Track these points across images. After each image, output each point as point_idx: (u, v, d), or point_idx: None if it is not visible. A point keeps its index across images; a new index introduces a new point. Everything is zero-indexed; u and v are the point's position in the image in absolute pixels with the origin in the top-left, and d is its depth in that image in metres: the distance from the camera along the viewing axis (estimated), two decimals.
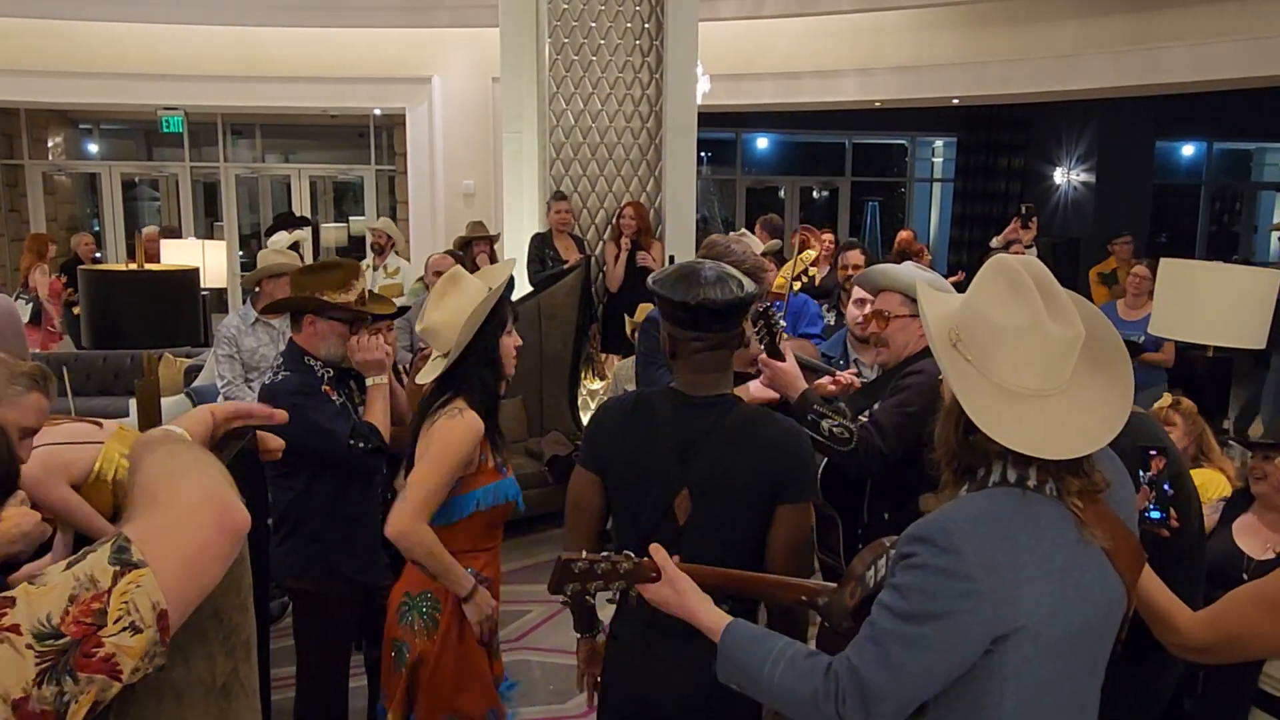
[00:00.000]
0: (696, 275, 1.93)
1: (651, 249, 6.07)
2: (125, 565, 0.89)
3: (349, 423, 2.73)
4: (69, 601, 0.86)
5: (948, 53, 10.15)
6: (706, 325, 1.92)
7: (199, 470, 1.02)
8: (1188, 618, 1.66)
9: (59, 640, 0.84)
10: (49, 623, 0.85)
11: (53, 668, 0.83)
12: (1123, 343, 1.47)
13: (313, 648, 2.89)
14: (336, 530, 2.80)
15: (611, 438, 2.03)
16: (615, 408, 2.12)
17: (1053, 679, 1.36)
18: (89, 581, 0.87)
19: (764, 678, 1.44)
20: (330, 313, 2.78)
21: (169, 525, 0.94)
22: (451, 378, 2.45)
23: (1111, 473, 1.43)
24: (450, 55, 10.48)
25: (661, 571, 1.65)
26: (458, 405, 2.39)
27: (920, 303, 1.53)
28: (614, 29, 6.18)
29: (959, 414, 1.39)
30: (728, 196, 14.17)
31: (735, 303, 1.92)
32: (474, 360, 2.43)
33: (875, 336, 2.67)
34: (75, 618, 0.85)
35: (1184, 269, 4.23)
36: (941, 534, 1.33)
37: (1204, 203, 14.27)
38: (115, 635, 0.87)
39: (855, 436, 2.44)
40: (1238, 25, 8.20)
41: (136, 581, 0.88)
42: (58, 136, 12.31)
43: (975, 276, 1.47)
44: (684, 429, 1.95)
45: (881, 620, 1.36)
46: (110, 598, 0.87)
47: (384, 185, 12.41)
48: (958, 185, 13.51)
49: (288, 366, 2.82)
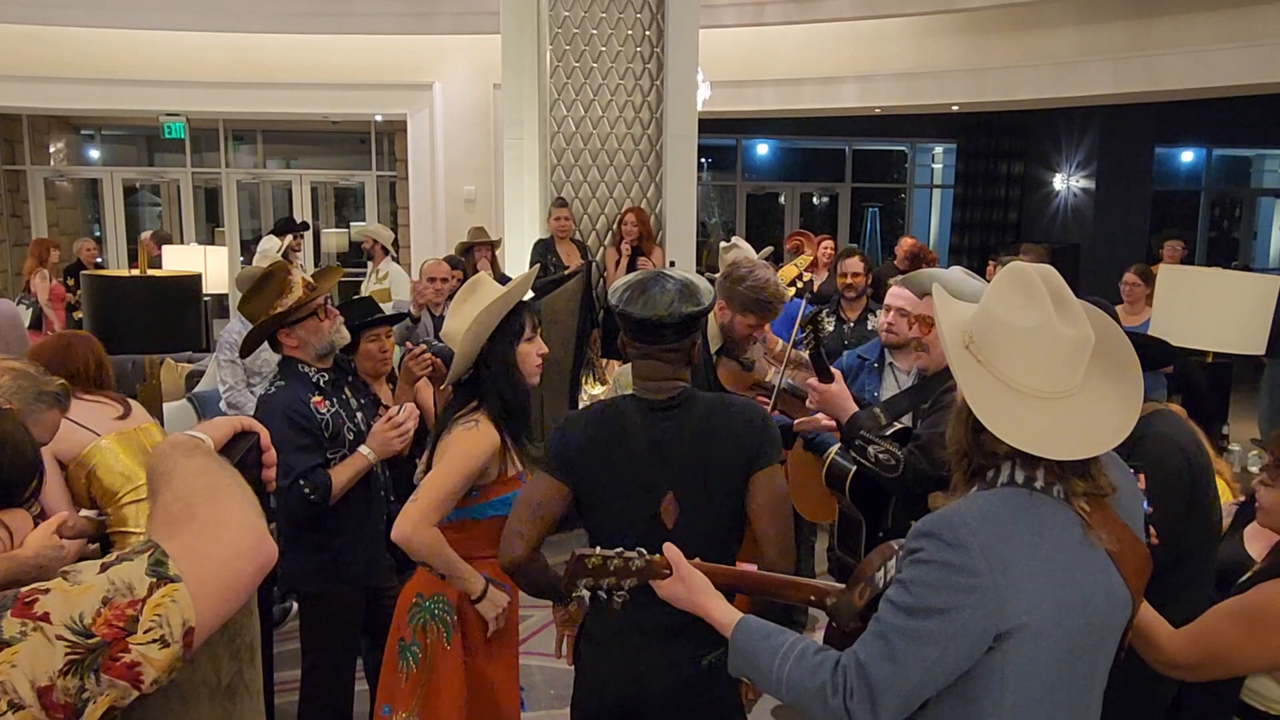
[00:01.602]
0: (650, 287, 1.97)
1: (652, 254, 6.09)
2: (161, 578, 0.90)
3: (312, 460, 2.69)
4: (102, 603, 0.87)
5: (948, 59, 10.18)
6: (659, 338, 1.96)
7: (239, 495, 1.04)
8: (1169, 635, 1.66)
9: (89, 639, 0.85)
10: (80, 620, 0.86)
11: (79, 663, 0.85)
12: (1135, 352, 1.48)
13: (318, 650, 2.90)
14: (340, 534, 2.81)
15: (584, 449, 2.01)
16: (581, 419, 2.09)
17: (1052, 680, 1.37)
18: (125, 588, 0.88)
19: (774, 672, 1.47)
20: (291, 319, 2.79)
21: (213, 549, 0.96)
22: (469, 385, 2.45)
23: (1119, 479, 1.45)
24: (451, 61, 10.51)
25: (674, 568, 1.66)
26: (475, 417, 2.40)
27: (935, 308, 1.55)
28: (615, 36, 6.20)
29: (969, 414, 1.42)
30: (728, 202, 14.19)
31: (687, 319, 1.96)
32: (490, 369, 2.43)
33: (916, 341, 2.69)
34: (107, 620, 0.86)
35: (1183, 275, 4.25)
36: (948, 529, 1.35)
37: (1204, 209, 14.29)
38: (144, 645, 0.88)
39: (902, 464, 2.45)
40: (1237, 32, 8.22)
41: (172, 596, 0.90)
42: (59, 142, 12.34)
43: (992, 281, 1.49)
44: (655, 432, 1.98)
45: (887, 615, 1.38)
46: (144, 607, 0.88)
47: (385, 191, 12.44)
48: (958, 191, 13.53)
49: (282, 377, 2.84)
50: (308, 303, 2.80)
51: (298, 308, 2.79)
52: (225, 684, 1.10)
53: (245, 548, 0.98)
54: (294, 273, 2.87)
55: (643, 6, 6.20)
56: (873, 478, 2.51)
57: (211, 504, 1.00)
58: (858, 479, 2.66)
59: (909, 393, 2.74)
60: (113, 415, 2.84)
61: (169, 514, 0.99)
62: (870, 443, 2.48)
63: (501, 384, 2.43)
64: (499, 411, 2.42)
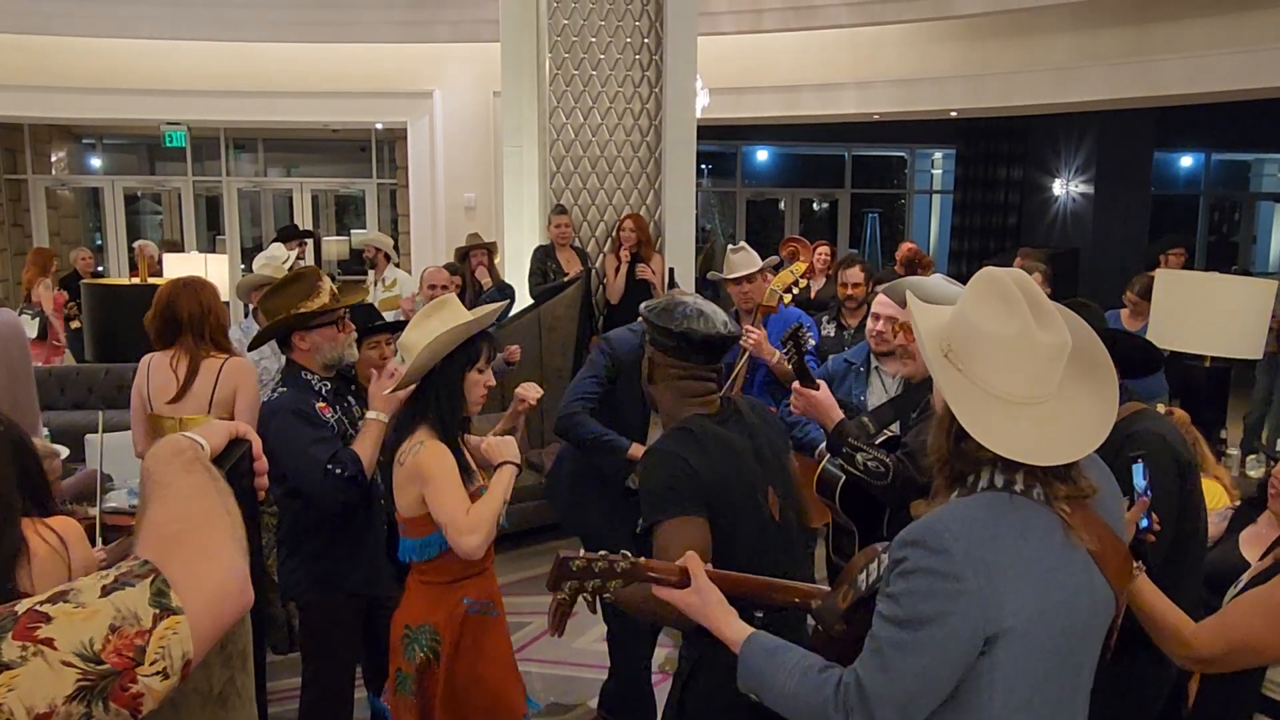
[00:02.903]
0: (702, 308, 2.11)
1: (651, 261, 6.09)
2: (165, 610, 0.89)
3: (332, 447, 2.70)
4: (111, 631, 0.86)
5: (946, 65, 10.20)
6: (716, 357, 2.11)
7: (229, 530, 1.02)
8: (1193, 629, 1.67)
9: (100, 666, 0.84)
10: (90, 647, 0.84)
11: (90, 689, 0.83)
12: (1106, 351, 1.49)
13: (319, 659, 2.91)
14: (340, 545, 2.82)
15: (714, 477, 1.98)
16: (690, 448, 2.00)
17: (1039, 681, 1.38)
18: (132, 617, 0.87)
19: (779, 687, 1.49)
20: (313, 322, 2.81)
21: (206, 584, 0.94)
22: (413, 402, 2.47)
23: (1099, 480, 1.45)
24: (451, 69, 10.54)
25: (693, 579, 1.66)
26: (417, 439, 2.40)
27: (912, 315, 1.56)
28: (614, 43, 6.22)
29: (951, 422, 1.43)
30: (728, 209, 14.21)
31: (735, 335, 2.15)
32: (436, 390, 2.44)
33: (901, 349, 2.69)
34: (117, 649, 0.85)
35: (1180, 280, 4.25)
36: (931, 536, 1.36)
37: (1202, 213, 14.29)
38: (149, 676, 0.87)
39: (892, 471, 2.44)
40: (1234, 37, 8.23)
41: (174, 628, 0.89)
42: (61, 151, 12.37)
43: (965, 289, 1.50)
44: (742, 441, 2.08)
45: (879, 629, 1.39)
46: (150, 638, 0.87)
47: (385, 199, 12.46)
48: (957, 197, 13.54)
49: (285, 384, 2.84)
50: (332, 309, 2.83)
51: (321, 312, 2.81)
52: (217, 691, 1.10)
53: (233, 589, 0.96)
54: (324, 279, 2.91)
55: (641, 14, 6.22)
56: (863, 486, 2.50)
57: (206, 534, 0.99)
58: (848, 487, 2.65)
59: (894, 402, 2.74)
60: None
61: (160, 534, 0.97)
62: (858, 450, 2.47)
63: (444, 406, 2.43)
64: (439, 434, 2.42)
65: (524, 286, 6.37)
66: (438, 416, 2.43)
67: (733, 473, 2.00)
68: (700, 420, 2.05)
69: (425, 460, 2.36)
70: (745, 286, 3.94)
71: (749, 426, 2.10)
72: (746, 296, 3.95)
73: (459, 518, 2.31)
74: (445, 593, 2.45)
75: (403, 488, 2.41)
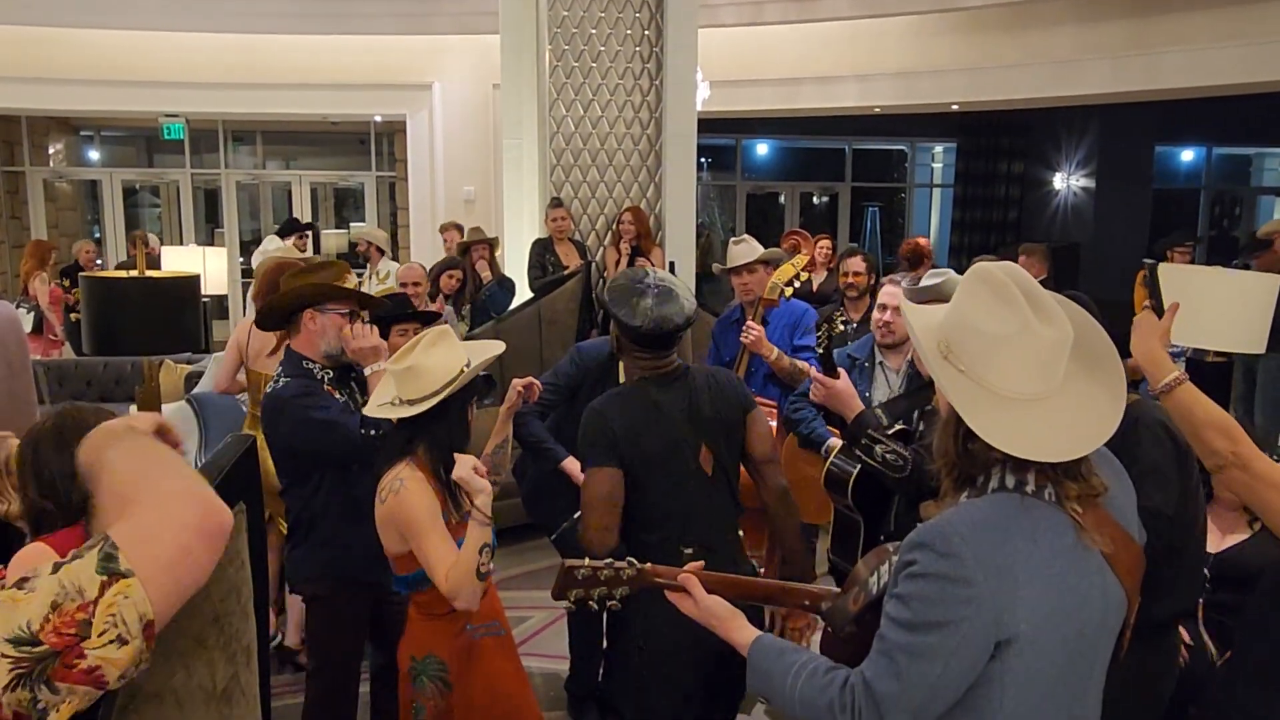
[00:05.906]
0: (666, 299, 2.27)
1: (652, 254, 6.08)
2: (113, 575, 0.86)
3: (355, 414, 2.71)
4: (51, 609, 0.84)
5: (947, 58, 10.18)
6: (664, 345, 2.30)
7: (175, 468, 0.99)
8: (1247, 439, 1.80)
9: (36, 647, 0.82)
10: (28, 629, 0.82)
11: (27, 675, 0.81)
12: (1110, 341, 1.47)
13: (326, 650, 2.89)
14: (348, 534, 2.78)
15: (627, 430, 2.24)
16: (614, 405, 2.30)
17: (1050, 685, 1.36)
18: (75, 591, 0.85)
19: (786, 689, 1.48)
20: (334, 303, 2.79)
21: (149, 529, 0.91)
22: (405, 428, 2.35)
23: (1110, 477, 1.43)
24: (451, 62, 10.51)
25: (693, 592, 1.68)
26: (399, 473, 2.28)
27: (905, 317, 1.54)
28: (614, 36, 6.19)
29: (957, 424, 1.40)
30: (728, 202, 14.19)
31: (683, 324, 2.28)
32: (445, 418, 2.33)
33: (908, 340, 2.68)
34: (56, 628, 0.83)
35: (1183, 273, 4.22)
36: (941, 539, 1.34)
37: (1204, 207, 14.28)
38: (100, 649, 0.84)
39: (910, 463, 2.43)
40: (1236, 30, 8.22)
41: (124, 592, 0.86)
42: (59, 143, 12.33)
43: (958, 286, 1.47)
44: (680, 399, 2.30)
45: (889, 632, 1.37)
46: (96, 609, 0.85)
47: (384, 192, 12.44)
48: (957, 191, 13.53)
49: (287, 373, 2.81)
50: (351, 298, 2.84)
51: (350, 292, 2.82)
52: (221, 688, 1.09)
53: (190, 519, 0.93)
54: (352, 276, 2.93)
55: (641, 6, 6.19)
56: (879, 478, 2.49)
57: (146, 483, 0.96)
58: (861, 479, 2.64)
59: (909, 395, 2.73)
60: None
61: (105, 510, 0.96)
62: (877, 441, 2.46)
63: (456, 434, 2.36)
64: (436, 462, 2.32)
65: (523, 279, 6.36)
66: (445, 439, 2.34)
67: (650, 428, 2.25)
68: (640, 382, 2.32)
69: (405, 505, 2.25)
70: (745, 278, 3.91)
71: (691, 389, 2.31)
72: (747, 289, 3.92)
73: (441, 583, 2.20)
74: (446, 623, 2.37)
75: (384, 526, 2.32)
